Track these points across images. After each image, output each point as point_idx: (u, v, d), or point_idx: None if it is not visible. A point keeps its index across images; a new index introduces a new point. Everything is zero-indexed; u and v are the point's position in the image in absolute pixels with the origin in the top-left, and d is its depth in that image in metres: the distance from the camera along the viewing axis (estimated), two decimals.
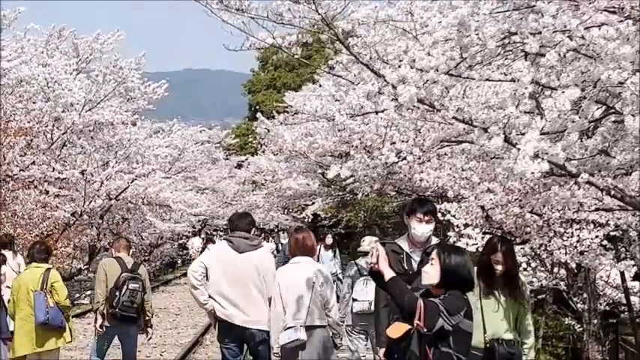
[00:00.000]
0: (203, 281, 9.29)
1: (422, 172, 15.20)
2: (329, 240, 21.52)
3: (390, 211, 30.26)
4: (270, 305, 9.01)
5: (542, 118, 6.38)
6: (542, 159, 6.01)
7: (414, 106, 8.04)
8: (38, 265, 10.84)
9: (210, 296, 9.32)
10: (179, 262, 45.40)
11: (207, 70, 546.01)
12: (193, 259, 37.92)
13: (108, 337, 11.68)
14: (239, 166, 51.99)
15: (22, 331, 10.70)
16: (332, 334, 8.93)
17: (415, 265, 7.47)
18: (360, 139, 15.04)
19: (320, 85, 25.14)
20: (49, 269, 10.88)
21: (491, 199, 14.66)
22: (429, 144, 11.99)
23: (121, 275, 11.39)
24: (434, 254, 6.03)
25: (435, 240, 8.20)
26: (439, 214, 15.38)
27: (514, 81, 8.24)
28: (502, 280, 7.73)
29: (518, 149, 7.36)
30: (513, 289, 7.74)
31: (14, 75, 12.21)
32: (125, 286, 11.33)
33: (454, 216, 14.81)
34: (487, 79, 8.21)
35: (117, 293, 11.31)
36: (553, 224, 13.74)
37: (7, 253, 13.47)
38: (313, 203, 33.64)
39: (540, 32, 6.94)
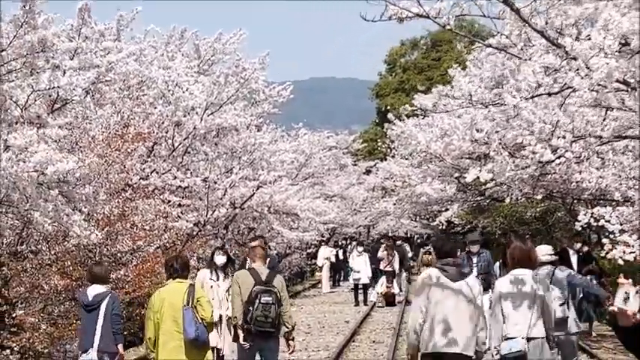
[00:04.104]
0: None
1: (581, 171, 13.55)
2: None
3: (532, 217, 28.43)
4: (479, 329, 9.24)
5: None
6: None
7: (601, 86, 6.38)
8: (181, 280, 10.48)
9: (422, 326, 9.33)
10: (308, 272, 44.20)
11: (333, 78, 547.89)
12: (321, 267, 36.93)
13: (250, 353, 11.24)
14: (368, 171, 50.78)
15: (167, 347, 10.35)
16: (550, 344, 9.21)
17: None
18: (500, 138, 13.59)
19: (452, 87, 23.45)
20: (192, 285, 10.64)
21: None
22: (608, 135, 10.25)
23: (254, 289, 10.96)
24: None
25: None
26: (591, 219, 13.73)
27: None
28: None
29: None
30: None
31: (120, 70, 11.10)
32: (257, 300, 10.91)
33: (609, 221, 13.25)
34: None
35: (250, 308, 10.92)
36: None
37: None
38: (447, 209, 31.97)
39: None
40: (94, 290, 10.90)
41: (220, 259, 13.54)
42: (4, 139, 8.67)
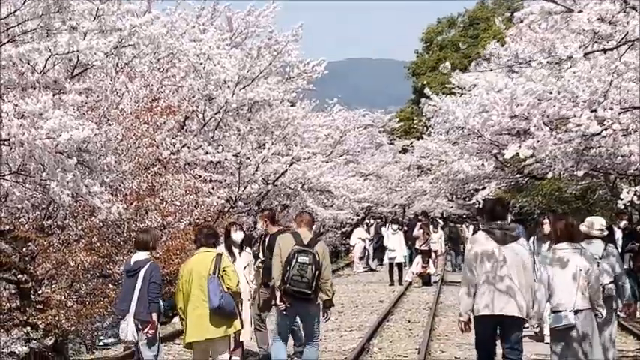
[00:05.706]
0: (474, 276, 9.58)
1: (628, 144, 12.96)
2: None
3: (572, 196, 27.79)
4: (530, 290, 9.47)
5: None
6: None
7: None
8: (208, 250, 10.72)
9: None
10: (343, 251, 43.72)
11: (369, 59, 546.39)
12: (354, 246, 36.37)
13: (288, 317, 11.31)
14: (404, 150, 50.21)
15: (193, 316, 10.55)
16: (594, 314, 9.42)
17: None
18: (542, 113, 13.08)
19: (490, 64, 22.75)
20: (219, 254, 10.79)
21: None
22: None
23: (292, 248, 10.96)
24: None
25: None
26: (634, 197, 13.20)
27: None
28: None
29: None
30: None
31: (144, 34, 10.62)
32: (294, 259, 10.90)
33: None
34: None
35: (287, 267, 10.92)
36: None
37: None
38: (484, 188, 31.39)
39: None
40: (136, 256, 11.04)
41: (238, 235, 12.96)
42: (14, 104, 8.26)
